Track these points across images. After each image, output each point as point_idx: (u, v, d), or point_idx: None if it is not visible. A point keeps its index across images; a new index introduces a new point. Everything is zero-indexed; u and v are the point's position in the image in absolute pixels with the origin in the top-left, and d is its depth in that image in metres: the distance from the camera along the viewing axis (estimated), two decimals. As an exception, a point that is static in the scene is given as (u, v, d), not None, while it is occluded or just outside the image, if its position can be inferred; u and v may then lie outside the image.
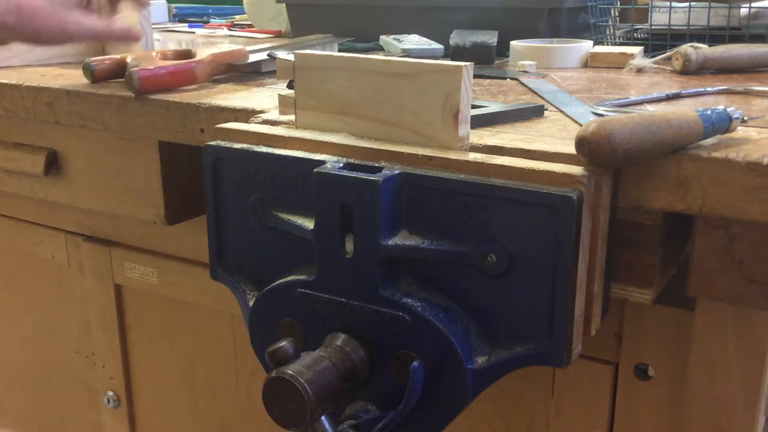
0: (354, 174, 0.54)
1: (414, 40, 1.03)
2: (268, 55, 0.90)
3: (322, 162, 0.57)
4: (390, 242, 0.54)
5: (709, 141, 0.54)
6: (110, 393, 1.05)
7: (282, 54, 0.70)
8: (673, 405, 0.64)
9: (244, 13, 1.52)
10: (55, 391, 1.13)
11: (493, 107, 0.66)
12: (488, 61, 0.97)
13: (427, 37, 1.06)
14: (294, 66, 0.63)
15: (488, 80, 0.87)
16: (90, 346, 1.05)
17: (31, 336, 1.13)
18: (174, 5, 1.80)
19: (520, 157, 0.54)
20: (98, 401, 1.08)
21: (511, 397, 0.72)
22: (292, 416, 0.52)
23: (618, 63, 0.94)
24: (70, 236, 1.01)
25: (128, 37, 0.80)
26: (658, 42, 1.01)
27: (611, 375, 0.66)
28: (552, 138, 0.58)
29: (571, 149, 0.52)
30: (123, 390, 1.04)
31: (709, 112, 0.54)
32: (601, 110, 0.66)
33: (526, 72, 0.90)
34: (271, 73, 0.90)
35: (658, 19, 1.00)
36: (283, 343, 0.54)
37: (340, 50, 1.06)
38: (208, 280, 0.68)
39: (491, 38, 0.98)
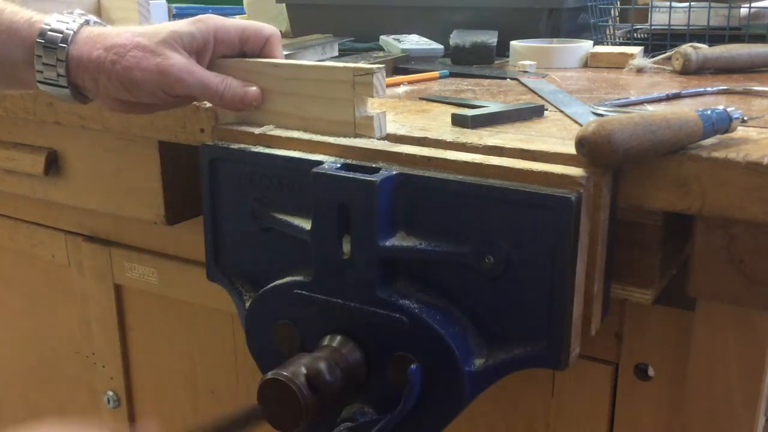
0: (351, 174, 0.54)
1: (414, 40, 1.03)
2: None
3: (320, 162, 0.57)
4: (387, 243, 0.54)
5: (709, 141, 0.54)
6: (110, 393, 1.05)
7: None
8: (673, 405, 0.64)
9: (244, 13, 1.52)
10: (55, 391, 1.13)
11: (493, 107, 0.66)
12: (488, 61, 0.97)
13: (427, 37, 1.05)
14: None
15: (488, 80, 0.87)
16: (90, 346, 1.05)
17: (31, 336, 1.13)
18: (174, 5, 1.79)
19: (519, 157, 0.54)
20: (98, 401, 1.07)
21: (511, 397, 0.72)
22: (287, 418, 0.52)
23: (618, 63, 0.93)
24: (70, 236, 1.01)
25: (239, 105, 0.64)
26: (658, 42, 1.00)
27: (611, 375, 0.66)
28: (552, 138, 0.58)
29: (571, 149, 0.52)
30: (123, 390, 1.04)
31: (709, 112, 0.54)
32: (601, 110, 0.65)
33: (526, 72, 0.90)
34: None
35: (658, 19, 1.00)
36: (322, 365, 0.53)
37: (340, 50, 1.06)
38: (207, 280, 0.68)
39: (491, 38, 0.97)
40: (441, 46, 1.01)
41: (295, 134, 0.61)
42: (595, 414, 0.68)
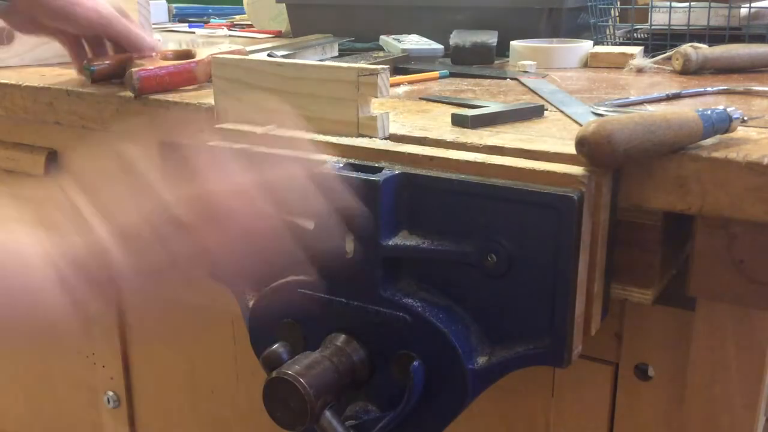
0: (354, 174, 0.54)
1: (414, 40, 1.03)
2: (268, 55, 0.90)
3: (322, 162, 0.57)
4: (390, 242, 0.54)
5: (709, 141, 0.54)
6: (110, 393, 1.05)
7: (280, 54, 0.70)
8: (673, 405, 0.64)
9: (244, 13, 1.52)
10: (55, 391, 1.13)
11: (493, 107, 0.66)
12: (488, 61, 0.97)
13: (427, 37, 1.06)
14: None
15: (488, 80, 0.88)
16: (90, 346, 1.05)
17: (31, 336, 1.13)
18: (174, 5, 1.80)
19: (520, 157, 0.54)
20: (98, 401, 1.07)
21: (511, 397, 0.72)
22: (293, 416, 0.52)
23: (618, 63, 0.94)
24: (70, 236, 1.01)
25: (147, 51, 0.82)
26: (658, 42, 1.01)
27: (611, 375, 0.66)
28: (552, 138, 0.58)
29: (571, 149, 0.52)
30: (123, 390, 1.04)
31: (709, 112, 0.54)
32: (601, 110, 0.66)
33: (526, 72, 0.90)
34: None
35: (658, 19, 1.00)
36: (275, 347, 0.54)
37: (340, 50, 1.06)
38: (208, 280, 0.67)
39: (491, 38, 0.98)
40: (441, 46, 1.01)
41: (297, 134, 0.61)
42: (595, 414, 0.68)
